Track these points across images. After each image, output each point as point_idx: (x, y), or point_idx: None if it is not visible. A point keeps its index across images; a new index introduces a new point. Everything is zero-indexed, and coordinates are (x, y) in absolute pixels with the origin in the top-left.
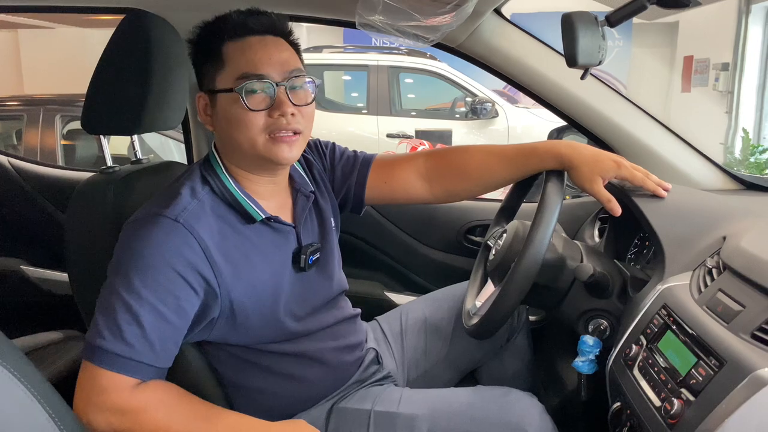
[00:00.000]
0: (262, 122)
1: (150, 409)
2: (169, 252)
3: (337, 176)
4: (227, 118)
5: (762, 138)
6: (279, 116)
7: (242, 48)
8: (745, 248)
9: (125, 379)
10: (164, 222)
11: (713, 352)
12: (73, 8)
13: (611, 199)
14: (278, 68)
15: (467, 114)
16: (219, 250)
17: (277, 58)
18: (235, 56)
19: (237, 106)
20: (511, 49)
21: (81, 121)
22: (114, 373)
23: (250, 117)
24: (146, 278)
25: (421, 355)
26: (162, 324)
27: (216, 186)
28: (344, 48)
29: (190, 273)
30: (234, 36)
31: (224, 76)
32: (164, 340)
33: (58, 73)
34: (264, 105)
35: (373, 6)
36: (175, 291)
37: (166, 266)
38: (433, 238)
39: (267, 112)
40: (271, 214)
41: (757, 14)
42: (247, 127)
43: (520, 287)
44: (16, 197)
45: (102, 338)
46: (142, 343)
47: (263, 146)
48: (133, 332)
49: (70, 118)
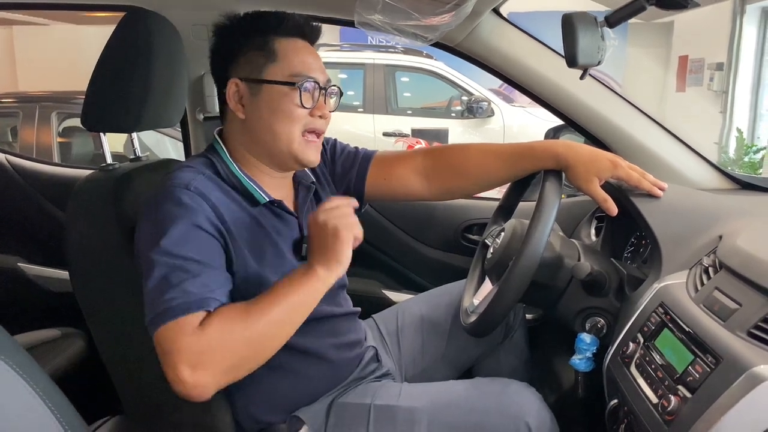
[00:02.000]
0: (304, 120)
1: (227, 329)
2: (189, 213)
3: (337, 171)
4: (272, 108)
5: (756, 138)
6: (319, 116)
7: (295, 48)
8: (741, 247)
9: (192, 319)
10: (177, 190)
11: (710, 349)
12: (73, 5)
13: (607, 199)
14: (323, 75)
15: (463, 113)
16: (230, 219)
17: (321, 66)
18: (289, 54)
19: (287, 99)
20: (509, 48)
21: (81, 119)
22: (180, 319)
23: (298, 112)
24: (178, 240)
25: (418, 353)
26: (208, 270)
27: (221, 169)
28: (341, 46)
29: (212, 228)
30: (286, 34)
31: (276, 69)
32: (216, 281)
33: (52, 70)
34: (309, 104)
35: (373, 5)
36: (206, 244)
37: (191, 225)
38: (431, 236)
39: (309, 111)
40: (275, 198)
41: (752, 15)
42: (292, 120)
43: (518, 285)
44: (13, 194)
45: (162, 302)
46: (198, 287)
47: (298, 144)
48: (187, 283)
49: (66, 115)
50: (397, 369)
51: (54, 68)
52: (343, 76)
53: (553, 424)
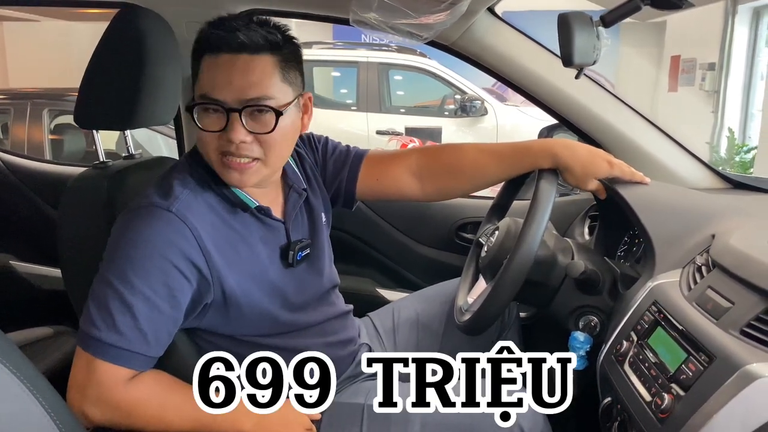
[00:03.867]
0: (215, 143)
1: (144, 402)
2: (161, 242)
3: (328, 170)
4: (197, 130)
5: (747, 137)
6: (227, 141)
7: (210, 66)
8: (734, 246)
9: (120, 371)
10: (157, 212)
11: (703, 347)
12: (69, 2)
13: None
14: (236, 94)
15: (457, 111)
16: (210, 240)
17: (238, 83)
18: (203, 73)
19: (197, 121)
20: (504, 47)
21: (74, 116)
22: (109, 364)
23: (204, 135)
24: (139, 268)
25: (413, 351)
26: (155, 314)
27: (207, 176)
28: (334, 44)
29: (183, 263)
30: (211, 51)
31: (196, 89)
32: (157, 330)
33: (43, 66)
34: (217, 127)
35: (368, 3)
36: (168, 281)
37: (159, 256)
38: (425, 235)
39: (219, 135)
40: (262, 205)
41: (744, 15)
42: (202, 143)
43: (512, 283)
44: (5, 192)
45: (96, 328)
46: (135, 333)
47: (217, 165)
48: (126, 322)
49: (58, 112)
50: None
51: (44, 65)
52: (336, 74)
53: (546, 426)
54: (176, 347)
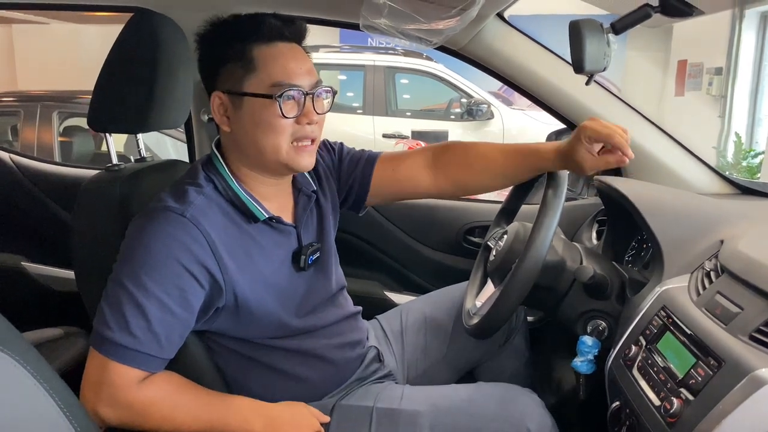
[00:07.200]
0: (290, 129)
1: (156, 403)
2: (175, 246)
3: (343, 171)
4: (255, 122)
5: (754, 142)
6: (306, 124)
7: (274, 55)
8: (743, 251)
9: (133, 373)
10: (171, 216)
11: (712, 352)
12: (79, 6)
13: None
14: (307, 78)
15: (463, 115)
16: (224, 245)
17: (306, 68)
18: (268, 62)
19: (269, 111)
20: (512, 52)
21: (87, 119)
22: (122, 365)
23: (282, 123)
24: (152, 271)
25: (420, 354)
26: (167, 316)
27: (219, 185)
28: (340, 48)
29: (195, 267)
30: (264, 40)
31: (255, 80)
32: (169, 333)
33: (51, 69)
34: (294, 113)
35: (378, 9)
36: (180, 284)
37: (173, 260)
38: (433, 238)
39: (295, 120)
40: (273, 215)
41: (751, 20)
42: (276, 132)
43: (521, 288)
44: (17, 193)
45: (109, 329)
46: (148, 335)
47: (286, 153)
48: (139, 324)
49: (67, 114)
50: (399, 369)
51: (53, 67)
52: (342, 77)
53: (554, 430)
54: (187, 349)
